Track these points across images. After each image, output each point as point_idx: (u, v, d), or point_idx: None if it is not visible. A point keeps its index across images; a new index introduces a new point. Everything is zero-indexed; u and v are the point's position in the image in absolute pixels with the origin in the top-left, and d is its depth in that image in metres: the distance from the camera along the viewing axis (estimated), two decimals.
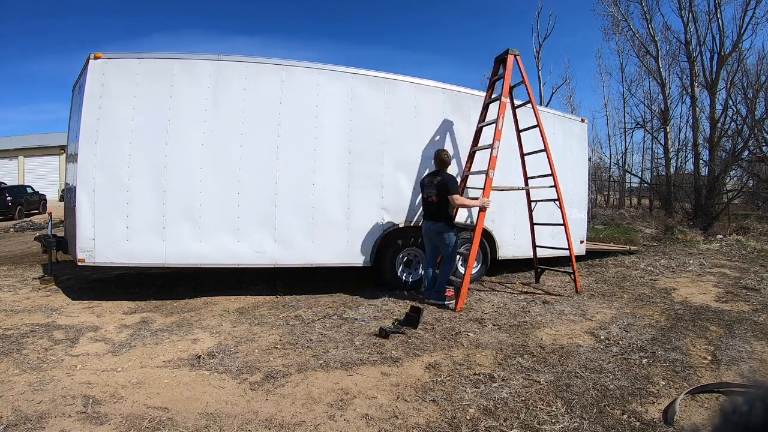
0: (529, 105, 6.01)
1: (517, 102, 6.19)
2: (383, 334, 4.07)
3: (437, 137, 6.18)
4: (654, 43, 16.54)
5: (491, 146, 5.41)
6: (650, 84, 20.28)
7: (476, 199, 5.48)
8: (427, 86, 6.15)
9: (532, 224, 6.41)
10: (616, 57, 29.54)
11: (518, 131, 6.21)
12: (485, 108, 6.11)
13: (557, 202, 5.99)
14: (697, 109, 15.76)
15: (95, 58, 4.93)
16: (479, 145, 6.06)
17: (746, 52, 15.36)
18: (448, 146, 6.24)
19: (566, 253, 6.08)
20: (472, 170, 6.11)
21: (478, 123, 6.10)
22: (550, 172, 5.95)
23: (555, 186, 5.94)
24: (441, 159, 5.37)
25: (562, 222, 6.03)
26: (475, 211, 6.41)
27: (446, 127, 6.24)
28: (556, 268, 6.51)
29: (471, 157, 6.16)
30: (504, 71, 5.67)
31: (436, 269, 5.51)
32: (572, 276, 6.00)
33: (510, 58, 5.63)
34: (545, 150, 5.92)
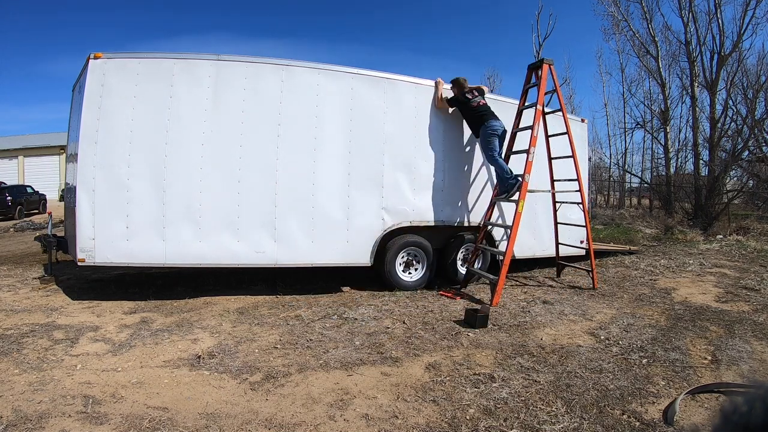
0: (559, 113, 6.23)
1: (547, 109, 6.40)
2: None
3: (437, 136, 6.18)
4: (654, 43, 16.53)
5: (527, 151, 5.68)
6: (650, 84, 20.27)
7: None
8: (426, 86, 6.15)
9: (557, 224, 6.79)
10: (616, 57, 29.55)
11: (547, 137, 6.42)
12: (519, 114, 6.28)
13: (581, 206, 6.38)
14: (697, 109, 15.76)
15: (95, 57, 4.93)
16: (514, 149, 6.29)
17: (746, 52, 15.38)
18: (448, 145, 6.25)
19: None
20: None
21: (513, 128, 6.26)
22: (568, 177, 6.34)
23: (579, 190, 6.23)
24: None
25: (583, 224, 6.50)
26: (473, 213, 6.48)
27: (446, 126, 6.24)
28: (575, 265, 6.66)
29: (506, 160, 6.34)
30: (538, 80, 5.90)
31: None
32: (591, 273, 6.24)
33: (545, 67, 5.82)
34: (573, 156, 6.17)
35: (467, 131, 6.39)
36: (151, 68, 5.06)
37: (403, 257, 6.09)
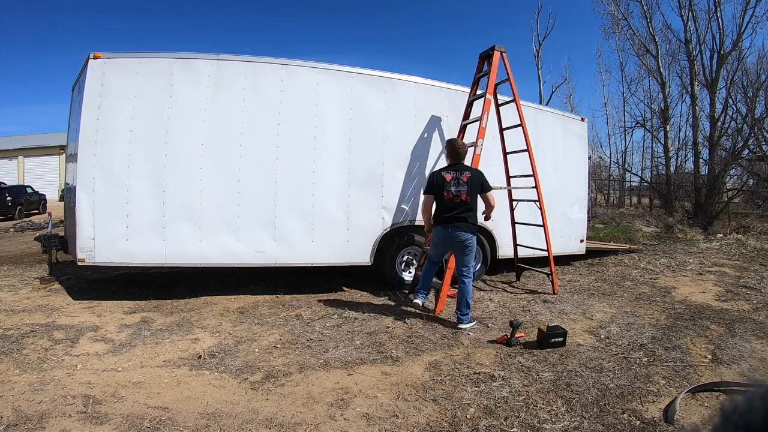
0: (512, 103, 5.95)
1: (502, 99, 6.12)
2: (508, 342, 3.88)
3: (437, 136, 6.18)
4: (654, 42, 16.52)
5: (474, 144, 5.34)
6: (650, 83, 20.29)
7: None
8: (426, 85, 6.15)
9: (514, 223, 6.41)
10: (615, 56, 29.62)
11: (501, 129, 6.16)
12: (469, 105, 5.98)
13: (537, 203, 5.94)
14: (697, 108, 15.77)
15: (95, 57, 4.93)
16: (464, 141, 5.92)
17: (746, 50, 15.37)
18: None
19: (543, 253, 6.07)
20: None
21: (462, 120, 5.96)
22: (532, 173, 5.95)
23: (536, 187, 5.89)
24: (461, 149, 4.68)
25: (541, 223, 5.96)
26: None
27: (446, 126, 6.24)
28: (535, 268, 6.36)
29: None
30: (489, 68, 5.62)
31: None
32: (550, 276, 5.85)
33: (496, 55, 5.54)
34: (527, 150, 5.85)
35: (467, 131, 6.38)
36: (150, 68, 5.05)
37: (403, 256, 6.09)
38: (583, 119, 8.16)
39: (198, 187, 5.10)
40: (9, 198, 16.49)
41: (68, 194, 6.22)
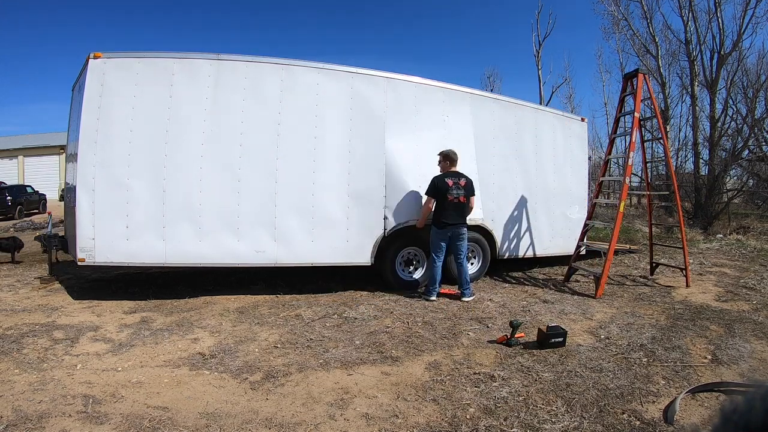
0: (654, 119, 6.78)
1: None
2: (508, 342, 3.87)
3: (437, 136, 6.18)
4: (654, 43, 16.51)
5: (626, 156, 6.06)
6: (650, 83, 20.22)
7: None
8: (427, 86, 6.15)
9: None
10: (616, 56, 29.64)
11: (643, 141, 6.86)
12: (617, 121, 6.67)
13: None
14: (697, 108, 15.75)
15: (95, 57, 4.93)
16: (612, 154, 6.85)
17: (746, 51, 15.37)
18: (448, 145, 6.24)
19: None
20: (605, 176, 7.16)
21: (611, 135, 6.81)
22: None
23: (675, 192, 6.79)
24: (453, 158, 5.55)
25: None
26: (473, 211, 6.44)
27: (446, 125, 6.24)
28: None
29: (605, 164, 7.19)
30: (633, 88, 6.19)
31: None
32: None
33: (640, 77, 6.10)
34: (666, 159, 6.91)
35: (468, 131, 6.39)
36: (151, 68, 5.05)
37: (403, 256, 6.09)
38: (583, 119, 8.17)
39: (198, 187, 5.10)
40: (9, 198, 16.49)
41: (68, 194, 6.23)
